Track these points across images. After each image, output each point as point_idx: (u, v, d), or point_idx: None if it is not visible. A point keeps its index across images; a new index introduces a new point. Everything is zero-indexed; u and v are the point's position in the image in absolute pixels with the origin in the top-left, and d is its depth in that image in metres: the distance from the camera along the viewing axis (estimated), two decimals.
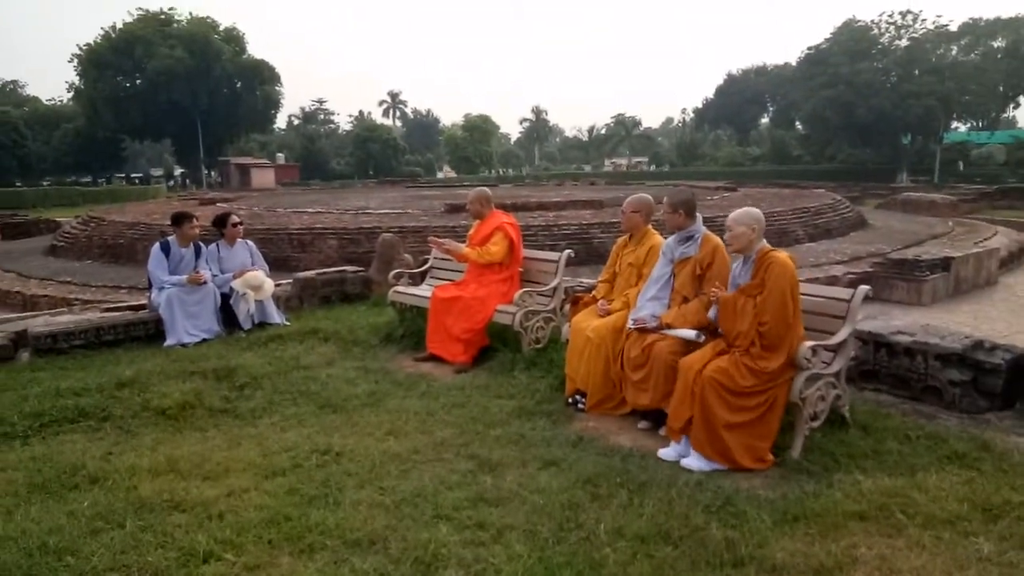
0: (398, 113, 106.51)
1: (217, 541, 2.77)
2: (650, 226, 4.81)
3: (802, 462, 3.52)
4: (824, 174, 48.75)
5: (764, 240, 3.81)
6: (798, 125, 64.10)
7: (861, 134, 50.93)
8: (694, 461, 3.60)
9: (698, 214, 4.35)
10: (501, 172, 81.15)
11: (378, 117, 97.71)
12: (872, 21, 51.89)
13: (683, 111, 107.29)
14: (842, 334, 3.84)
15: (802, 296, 3.83)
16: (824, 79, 49.26)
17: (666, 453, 3.74)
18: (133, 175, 73.12)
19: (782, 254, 3.71)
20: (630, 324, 4.26)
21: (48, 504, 3.14)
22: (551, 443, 3.84)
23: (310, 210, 17.86)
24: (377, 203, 20.71)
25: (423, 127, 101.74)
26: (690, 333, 3.95)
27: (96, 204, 32.99)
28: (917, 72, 48.10)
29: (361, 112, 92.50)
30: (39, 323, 5.85)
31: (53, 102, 71.42)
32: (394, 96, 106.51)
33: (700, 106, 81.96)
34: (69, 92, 62.23)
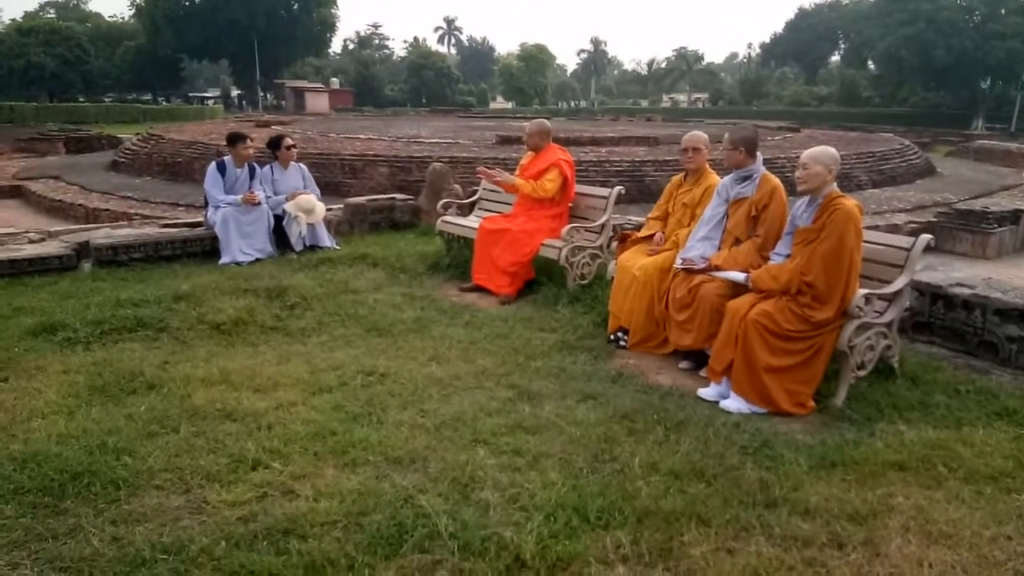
0: (453, 40, 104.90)
1: (265, 450, 2.90)
2: (708, 165, 4.68)
3: (845, 410, 3.47)
4: (894, 118, 46.45)
5: (835, 184, 3.66)
6: (870, 65, 60.84)
7: (937, 77, 48.06)
8: (733, 402, 3.59)
9: (759, 154, 4.20)
10: (557, 104, 79.49)
11: (433, 44, 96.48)
12: None
13: (749, 46, 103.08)
14: (898, 283, 3.72)
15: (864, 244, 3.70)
16: (903, 16, 46.27)
17: (706, 393, 3.74)
18: (191, 94, 74.01)
19: (850, 201, 3.56)
20: (678, 264, 4.20)
21: (108, 407, 3.31)
22: (591, 377, 3.87)
23: (362, 136, 17.88)
24: (429, 132, 20.60)
25: (478, 56, 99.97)
26: (739, 276, 3.87)
27: (156, 122, 33.59)
28: (1003, 11, 44.83)
29: (416, 39, 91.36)
30: (100, 235, 6.06)
31: (115, 19, 72.23)
32: (450, 22, 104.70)
33: (767, 41, 78.41)
34: (130, 9, 62.75)
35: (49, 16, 71.82)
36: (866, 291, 3.55)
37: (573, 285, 5.34)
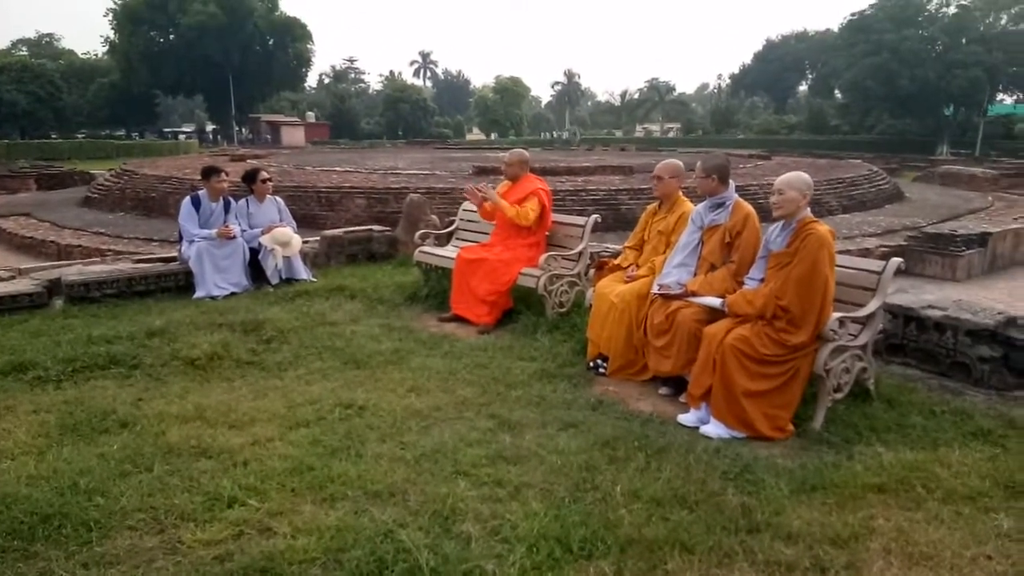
0: (429, 74, 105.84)
1: (241, 487, 2.84)
2: (681, 193, 4.75)
3: (823, 433, 3.50)
4: (862, 145, 47.55)
5: (808, 209, 3.73)
6: (837, 94, 62.37)
7: (902, 104, 49.39)
8: (713, 428, 3.60)
9: (731, 181, 4.27)
10: (537, 135, 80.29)
11: (409, 77, 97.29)
12: None
13: (719, 77, 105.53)
14: (871, 306, 3.78)
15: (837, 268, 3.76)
16: (867, 46, 47.69)
17: (686, 419, 3.75)
18: (166, 130, 73.74)
19: (823, 226, 3.63)
20: (655, 290, 4.23)
21: (79, 446, 3.23)
22: (571, 405, 3.86)
23: (339, 169, 17.90)
24: (405, 163, 20.68)
25: (453, 88, 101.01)
26: (715, 301, 3.91)
27: (129, 157, 33.38)
28: (964, 41, 46.36)
29: (392, 72, 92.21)
30: (72, 272, 5.97)
31: (88, 56, 71.95)
32: (425, 56, 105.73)
33: (737, 72, 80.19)
34: (104, 46, 62.67)
35: (21, 53, 71.37)
36: (840, 314, 3.60)
37: (552, 313, 5.35)
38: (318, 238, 7.69)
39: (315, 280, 6.64)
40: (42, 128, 57.05)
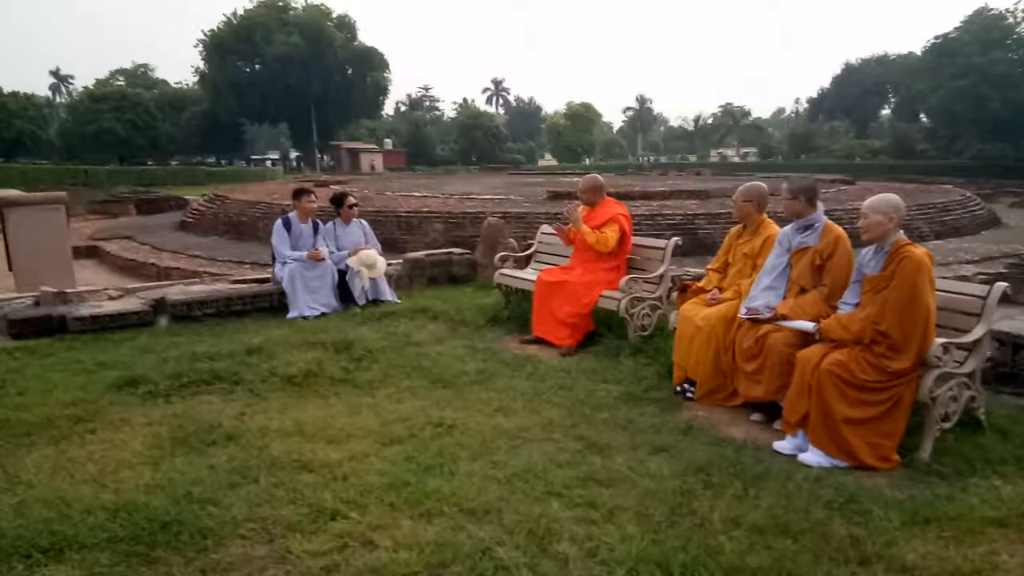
0: (501, 100, 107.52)
1: (342, 501, 2.93)
2: (766, 215, 4.67)
3: (932, 464, 3.35)
4: (951, 170, 45.43)
5: (902, 232, 3.62)
6: (923, 118, 60.08)
7: (994, 128, 47.13)
8: (812, 456, 3.50)
9: (819, 203, 4.18)
10: (601, 161, 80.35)
11: (481, 104, 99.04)
12: (1007, 10, 48.24)
13: (796, 101, 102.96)
14: (977, 332, 3.61)
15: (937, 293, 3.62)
16: (954, 70, 45.94)
17: (782, 446, 3.65)
18: (252, 157, 77.21)
19: (919, 249, 3.51)
20: (742, 313, 4.16)
21: (190, 457, 3.40)
22: (660, 429, 3.82)
23: (417, 194, 18.33)
24: (480, 188, 21.00)
25: (525, 115, 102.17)
26: (808, 325, 3.82)
27: (220, 183, 35.07)
28: None
29: (465, 99, 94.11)
30: (175, 291, 6.31)
31: (180, 85, 76.17)
32: (497, 84, 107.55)
33: (815, 96, 78.30)
34: (195, 76, 66.30)
35: (119, 83, 76.28)
36: (944, 340, 3.46)
37: (634, 336, 5.32)
38: (401, 261, 7.89)
39: (399, 301, 6.81)
40: (139, 155, 60.63)
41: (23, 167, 42.99)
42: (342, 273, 6.69)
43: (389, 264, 7.37)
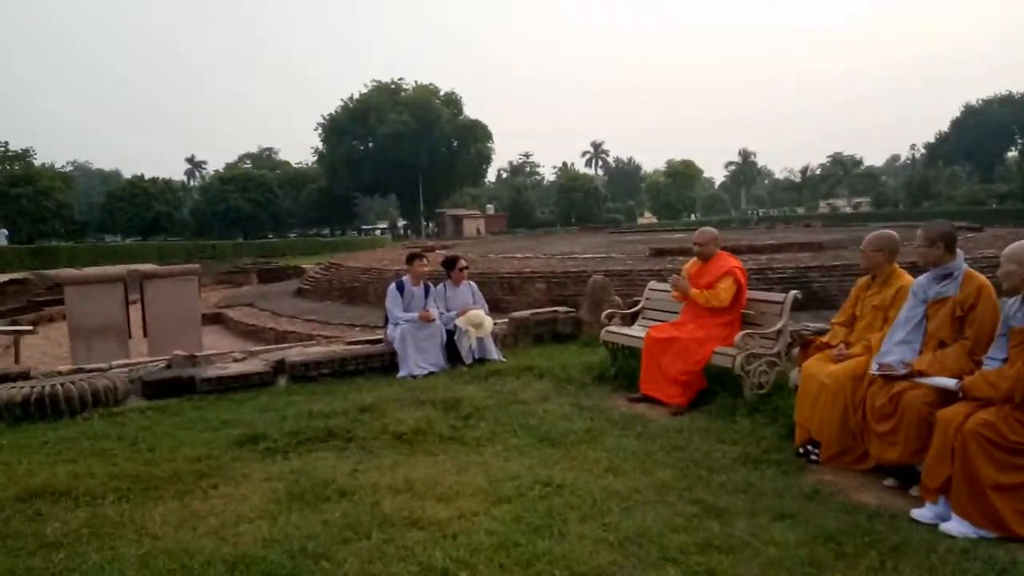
0: (600, 162, 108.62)
1: (452, 559, 2.89)
2: (897, 266, 4.40)
3: None
4: None
5: None
6: None
7: None
8: (956, 525, 3.17)
9: (959, 250, 3.90)
10: (702, 217, 79.18)
11: (581, 167, 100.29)
12: None
13: (912, 147, 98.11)
14: None
15: None
16: None
17: (921, 514, 3.33)
18: (363, 227, 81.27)
19: None
20: (874, 370, 3.88)
21: (305, 512, 3.47)
22: (783, 494, 3.59)
23: (519, 255, 18.59)
24: (581, 248, 21.06)
25: (624, 174, 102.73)
26: (949, 382, 3.51)
27: (334, 252, 36.94)
28: None
29: (565, 163, 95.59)
30: (294, 353, 6.62)
31: (301, 165, 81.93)
32: (596, 146, 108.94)
33: (932, 141, 74.66)
34: (313, 156, 71.20)
35: (246, 165, 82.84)
36: None
37: (751, 394, 5.08)
38: (506, 320, 7.96)
39: (505, 360, 6.84)
40: (261, 229, 65.14)
41: (159, 244, 47.12)
42: (450, 333, 6.82)
43: (496, 324, 7.45)
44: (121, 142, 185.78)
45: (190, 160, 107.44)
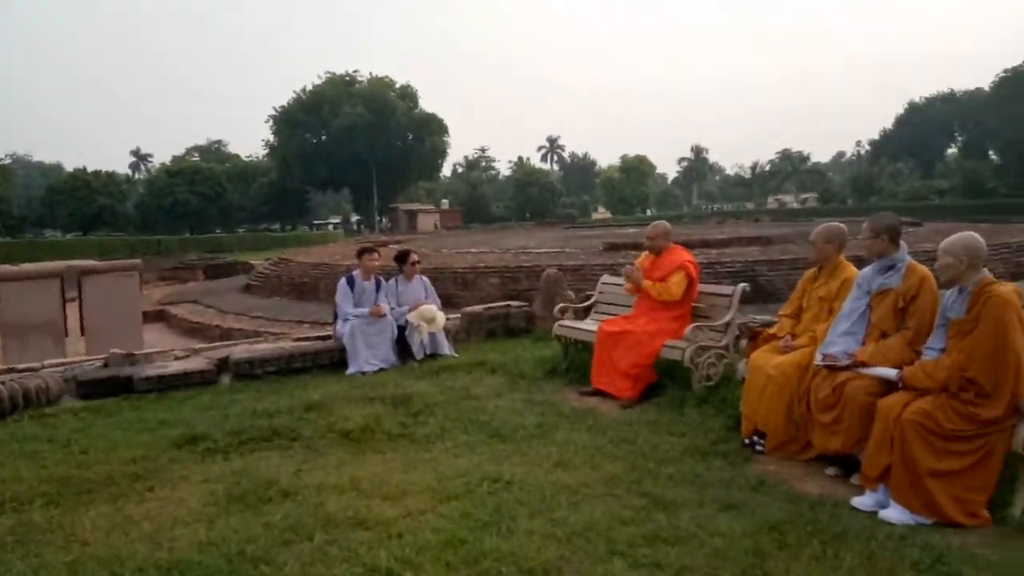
0: (555, 157, 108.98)
1: (397, 559, 2.83)
2: (843, 258, 4.48)
3: None
4: None
5: (986, 271, 3.41)
6: (992, 155, 58.09)
7: None
8: (894, 512, 3.25)
9: (902, 242, 3.98)
10: (656, 212, 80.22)
11: (536, 162, 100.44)
12: None
13: (857, 143, 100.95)
14: None
15: None
16: None
17: (861, 502, 3.40)
18: (315, 222, 80.00)
19: (1007, 286, 3.30)
20: (818, 360, 3.95)
21: (245, 515, 3.36)
22: (729, 485, 3.62)
23: (473, 250, 18.53)
24: (536, 243, 21.11)
25: (580, 170, 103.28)
26: (890, 372, 3.59)
27: (284, 248, 36.25)
28: None
29: (520, 158, 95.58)
30: (240, 350, 6.44)
31: (251, 158, 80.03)
32: (552, 141, 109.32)
33: (877, 138, 76.92)
34: (264, 149, 69.64)
35: (194, 158, 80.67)
36: None
37: (699, 387, 5.12)
38: (459, 315, 7.89)
39: (457, 355, 6.78)
40: (208, 224, 63.58)
41: (100, 239, 45.57)
42: (402, 328, 6.72)
43: (448, 319, 7.38)
44: (64, 134, 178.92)
45: (135, 153, 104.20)
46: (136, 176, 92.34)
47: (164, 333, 14.40)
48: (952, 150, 73.70)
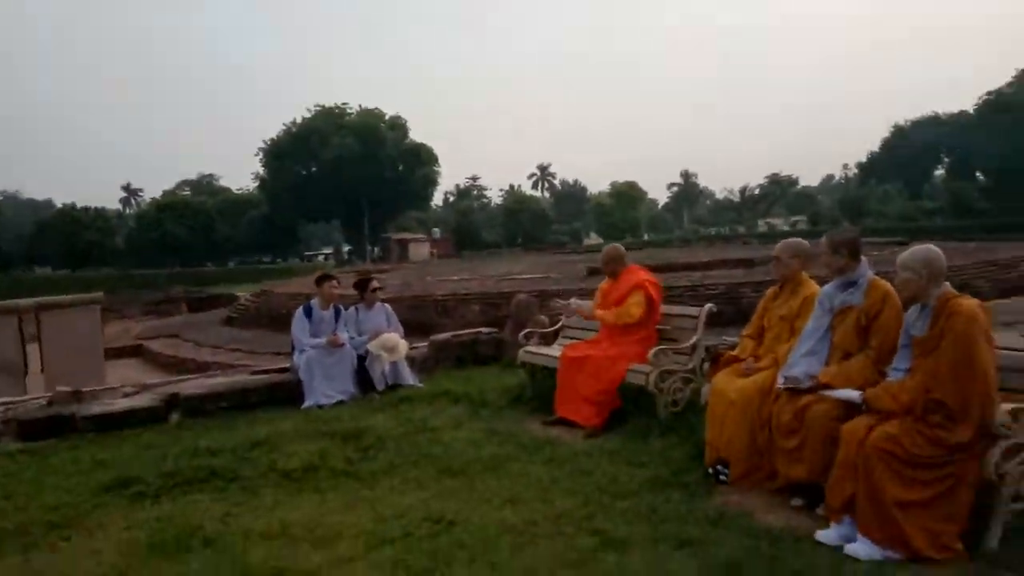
0: (547, 184, 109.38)
1: None
2: (806, 275, 4.27)
3: (1001, 554, 2.82)
4: (1015, 227, 43.68)
5: (947, 284, 3.21)
6: (979, 176, 58.52)
7: None
8: (861, 547, 3.00)
9: (863, 257, 3.78)
10: (647, 236, 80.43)
11: (527, 189, 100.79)
12: None
13: (845, 166, 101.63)
14: None
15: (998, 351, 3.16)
16: (1008, 124, 44.89)
17: (826, 536, 3.15)
18: (306, 253, 79.87)
19: (969, 301, 3.10)
20: (780, 383, 3.72)
21: (161, 566, 3.12)
22: (687, 519, 3.38)
23: (455, 277, 18.35)
24: (522, 268, 20.95)
25: (571, 196, 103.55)
26: (853, 394, 3.37)
27: (272, 280, 35.97)
28: None
29: (512, 186, 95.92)
30: (190, 386, 6.17)
31: (241, 191, 80.00)
32: (543, 168, 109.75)
33: (864, 160, 77.50)
34: (255, 182, 69.67)
35: (184, 192, 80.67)
36: (1013, 405, 2.98)
37: (665, 413, 4.89)
38: (426, 343, 7.65)
39: (421, 385, 6.53)
40: (198, 257, 63.36)
41: (85, 276, 45.23)
42: (362, 358, 6.48)
43: (413, 347, 7.15)
44: (55, 170, 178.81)
45: (126, 188, 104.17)
46: (127, 211, 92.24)
47: (139, 368, 14.13)
48: (939, 172, 74.20)
